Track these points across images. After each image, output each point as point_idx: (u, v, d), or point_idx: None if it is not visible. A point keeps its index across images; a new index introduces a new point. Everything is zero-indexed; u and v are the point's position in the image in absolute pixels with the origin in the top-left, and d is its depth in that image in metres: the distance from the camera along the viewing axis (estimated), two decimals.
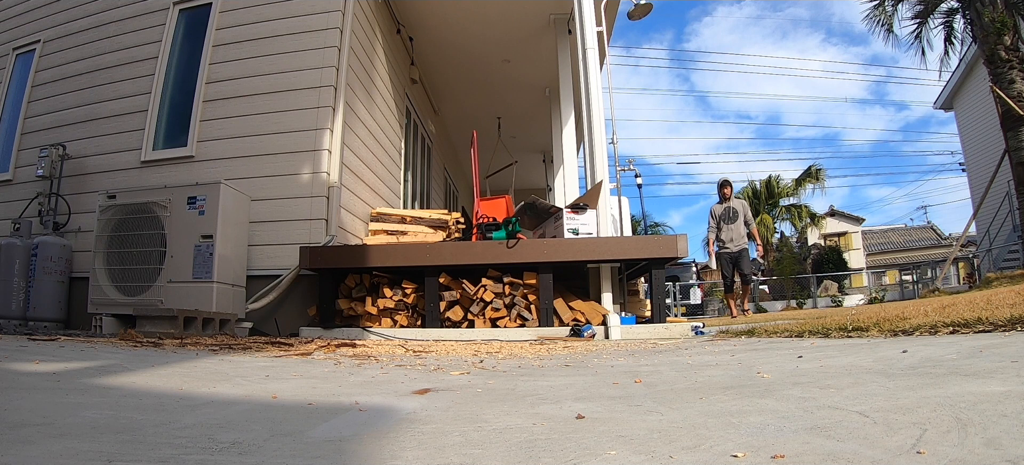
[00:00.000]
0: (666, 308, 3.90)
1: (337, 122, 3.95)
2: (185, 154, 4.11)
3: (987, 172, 10.90)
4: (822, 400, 0.98)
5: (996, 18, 8.55)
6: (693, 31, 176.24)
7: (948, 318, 2.12)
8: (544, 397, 1.17)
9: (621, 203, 4.52)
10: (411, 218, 4.37)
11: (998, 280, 7.27)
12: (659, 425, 0.87)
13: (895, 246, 30.44)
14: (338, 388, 1.31)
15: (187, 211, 3.43)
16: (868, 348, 1.73)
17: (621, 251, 3.46)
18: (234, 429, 0.87)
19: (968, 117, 14.51)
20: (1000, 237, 12.61)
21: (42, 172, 4.21)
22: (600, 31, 4.25)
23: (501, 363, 1.89)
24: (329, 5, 4.14)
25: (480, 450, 0.76)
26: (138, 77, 4.40)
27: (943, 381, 1.05)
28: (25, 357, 1.66)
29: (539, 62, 6.28)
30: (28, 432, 0.80)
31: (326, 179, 3.85)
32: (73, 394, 1.12)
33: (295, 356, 2.01)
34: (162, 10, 4.50)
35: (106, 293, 3.48)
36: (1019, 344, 1.47)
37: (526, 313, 3.49)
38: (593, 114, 3.98)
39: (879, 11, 10.55)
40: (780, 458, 0.66)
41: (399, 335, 3.33)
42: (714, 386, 1.23)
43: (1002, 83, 8.65)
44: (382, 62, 5.16)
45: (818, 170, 23.99)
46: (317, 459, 0.71)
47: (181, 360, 1.76)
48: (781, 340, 2.48)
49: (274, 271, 3.76)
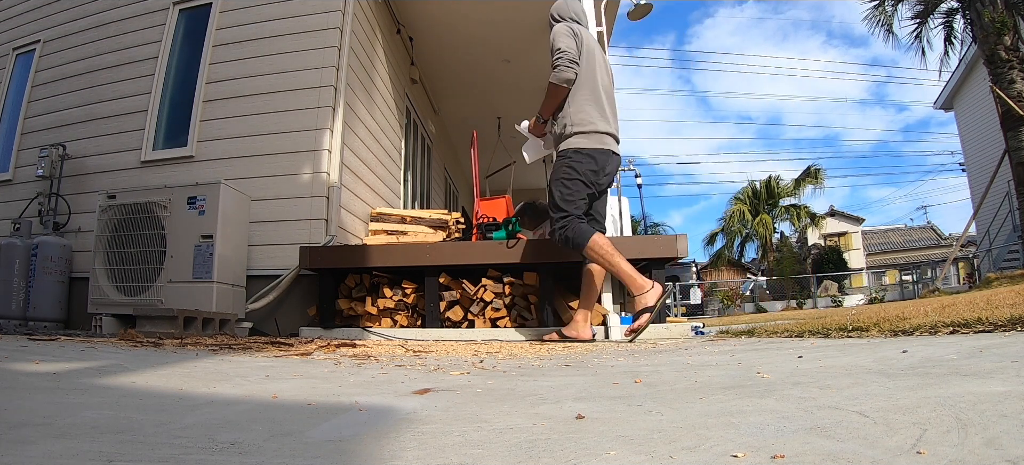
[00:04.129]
0: (666, 308, 3.90)
1: (337, 122, 3.95)
2: (185, 154, 4.11)
3: (987, 172, 10.91)
4: (822, 400, 0.98)
5: (996, 18, 8.55)
6: (695, 33, 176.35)
7: (948, 318, 2.12)
8: (544, 397, 1.17)
9: (621, 203, 4.52)
10: (411, 218, 4.37)
11: (998, 280, 7.28)
12: (659, 425, 0.87)
13: (895, 246, 30.45)
14: (338, 388, 1.31)
15: (187, 211, 3.43)
16: (868, 348, 1.73)
17: (621, 251, 3.45)
18: (234, 429, 0.87)
19: (968, 117, 14.52)
20: (1000, 237, 12.62)
21: (42, 172, 4.21)
22: (600, 31, 4.25)
23: (501, 363, 1.89)
24: (329, 5, 4.14)
25: (480, 450, 0.76)
26: (138, 77, 4.41)
27: (943, 381, 1.05)
28: (25, 357, 1.66)
29: (539, 62, 6.27)
30: (28, 432, 0.80)
31: (326, 179, 3.85)
32: (73, 394, 1.12)
33: (295, 356, 2.01)
34: (162, 10, 4.50)
35: (106, 293, 3.48)
36: (1019, 344, 1.47)
37: (526, 313, 3.49)
38: None
39: (879, 11, 10.56)
40: (780, 458, 0.66)
41: (399, 335, 3.33)
42: (714, 386, 1.23)
43: (1002, 83, 8.65)
44: (382, 62, 5.16)
45: (817, 170, 24.04)
46: (317, 459, 0.71)
47: (181, 360, 1.76)
48: (781, 340, 2.48)
49: (274, 271, 3.76)
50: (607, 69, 3.13)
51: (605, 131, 2.92)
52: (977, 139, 13.86)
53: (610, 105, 3.02)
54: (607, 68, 3.13)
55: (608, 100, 3.01)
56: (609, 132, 2.94)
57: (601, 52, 3.10)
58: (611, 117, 2.99)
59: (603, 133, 2.91)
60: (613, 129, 2.98)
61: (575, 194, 2.83)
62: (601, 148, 2.89)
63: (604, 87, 3.00)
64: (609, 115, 2.97)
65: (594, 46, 3.02)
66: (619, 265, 2.76)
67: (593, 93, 2.93)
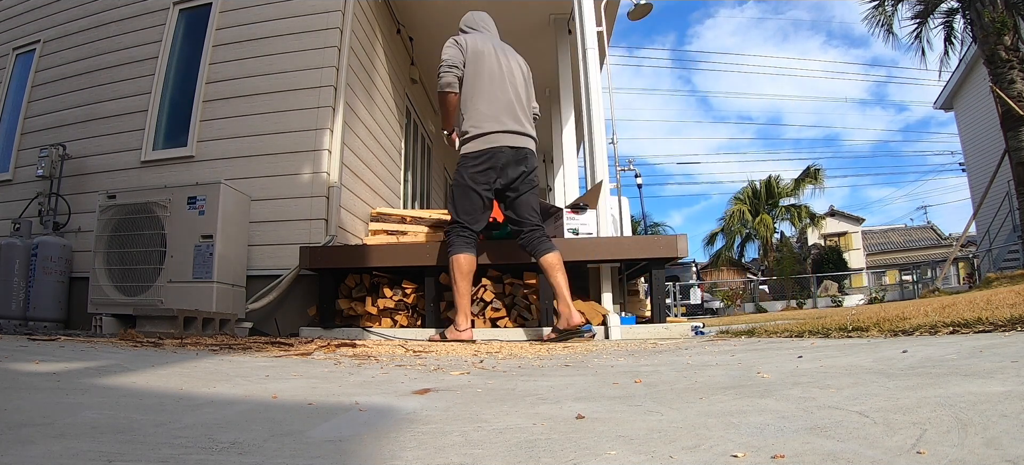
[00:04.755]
0: (666, 308, 3.90)
1: (337, 122, 3.95)
2: (185, 154, 4.11)
3: (987, 172, 10.91)
4: (822, 400, 0.98)
5: (996, 18, 8.55)
6: (696, 33, 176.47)
7: (948, 318, 2.12)
8: (544, 397, 1.17)
9: (621, 203, 4.52)
10: (411, 218, 4.37)
11: (998, 280, 7.28)
12: (659, 425, 0.87)
13: (895, 246, 30.45)
14: (338, 388, 1.31)
15: (187, 211, 3.43)
16: (868, 348, 1.73)
17: (621, 251, 3.46)
18: (234, 429, 0.87)
19: (968, 117, 14.51)
20: (1000, 237, 12.62)
21: (42, 172, 4.21)
22: (600, 31, 4.25)
23: (501, 363, 1.89)
24: (329, 5, 4.14)
25: (480, 450, 0.76)
26: (138, 77, 4.40)
27: (943, 381, 1.05)
28: (25, 357, 1.66)
29: (539, 62, 6.25)
30: (28, 432, 0.80)
31: (326, 179, 3.85)
32: (73, 394, 1.12)
33: (295, 356, 2.01)
34: (162, 10, 4.50)
35: (106, 293, 3.48)
36: (1019, 344, 1.47)
37: (526, 313, 3.49)
38: (593, 114, 3.98)
39: (879, 11, 10.55)
40: (780, 458, 0.66)
41: (399, 335, 3.34)
42: (714, 386, 1.23)
43: (1002, 83, 8.65)
44: (382, 62, 5.16)
45: (817, 170, 24.02)
46: (317, 459, 0.71)
47: (181, 360, 1.76)
48: (781, 340, 2.48)
49: (274, 271, 3.76)
50: (510, 66, 3.05)
51: (494, 130, 2.89)
52: (977, 139, 13.85)
53: (516, 100, 2.97)
54: (510, 65, 3.05)
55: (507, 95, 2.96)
56: (501, 129, 2.90)
57: (503, 52, 3.06)
58: (506, 112, 2.93)
59: (492, 132, 2.89)
60: (508, 124, 2.92)
61: (467, 203, 2.88)
62: (492, 147, 2.88)
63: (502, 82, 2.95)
64: (502, 111, 2.92)
65: (486, 48, 2.99)
66: (458, 290, 2.88)
67: (485, 94, 2.92)
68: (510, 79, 3.00)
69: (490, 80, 2.92)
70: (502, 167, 2.89)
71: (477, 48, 2.96)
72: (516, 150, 2.92)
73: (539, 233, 2.98)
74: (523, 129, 2.98)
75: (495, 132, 2.90)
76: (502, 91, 2.95)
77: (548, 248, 2.93)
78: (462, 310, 2.90)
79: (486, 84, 2.92)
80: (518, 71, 3.09)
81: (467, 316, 2.92)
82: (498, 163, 2.88)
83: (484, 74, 2.92)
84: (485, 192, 2.89)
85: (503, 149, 2.89)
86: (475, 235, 2.95)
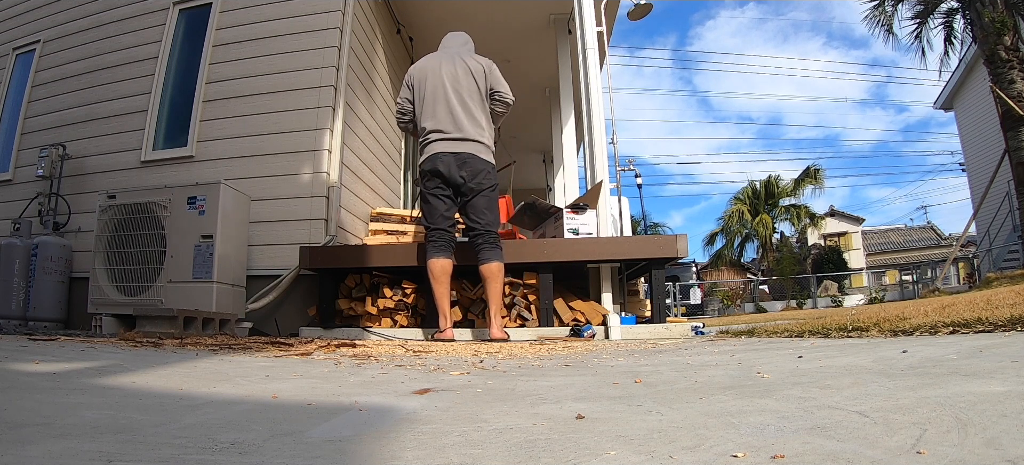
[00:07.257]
0: (666, 308, 3.90)
1: (337, 122, 3.95)
2: (185, 154, 4.11)
3: (987, 172, 10.91)
4: (822, 400, 0.98)
5: (996, 18, 8.55)
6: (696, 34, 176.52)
7: (948, 318, 2.12)
8: (544, 397, 1.17)
9: (621, 203, 4.52)
10: (411, 218, 4.37)
11: (998, 280, 7.28)
12: (659, 425, 0.87)
13: (895, 246, 30.43)
14: (338, 388, 1.31)
15: (187, 211, 3.43)
16: (868, 348, 1.73)
17: (621, 251, 3.46)
18: (234, 429, 0.87)
19: (968, 117, 14.51)
20: (1000, 237, 12.61)
21: (42, 172, 4.21)
22: (600, 31, 4.25)
23: (501, 363, 1.88)
24: (329, 5, 4.14)
25: (480, 450, 0.76)
26: (138, 77, 4.41)
27: (943, 381, 1.05)
28: (25, 357, 1.66)
29: (539, 62, 6.28)
30: (28, 432, 0.80)
31: (326, 179, 3.85)
32: (73, 394, 1.12)
33: (295, 356, 2.01)
34: (162, 10, 4.50)
35: (106, 293, 3.48)
36: (1019, 344, 1.47)
37: (526, 313, 3.49)
38: (593, 114, 3.98)
39: (879, 11, 10.55)
40: (780, 458, 0.66)
41: (399, 335, 3.34)
42: (714, 386, 1.23)
43: (1002, 83, 8.65)
44: (382, 62, 5.16)
45: (817, 170, 24.01)
46: (317, 459, 0.71)
47: (181, 360, 1.76)
48: (781, 340, 2.48)
49: (274, 271, 3.76)
50: (456, 74, 3.14)
51: (434, 140, 3.07)
52: (977, 139, 13.85)
53: (460, 107, 3.09)
54: (456, 72, 3.15)
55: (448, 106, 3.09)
56: (440, 138, 3.06)
57: (453, 61, 3.18)
58: (447, 122, 3.07)
59: (432, 141, 3.08)
60: (449, 132, 3.06)
61: (428, 209, 3.11)
62: (431, 155, 3.06)
63: (443, 95, 3.10)
64: (442, 122, 3.07)
65: (429, 66, 3.18)
66: (435, 293, 3.04)
67: (427, 112, 3.11)
68: (454, 88, 3.13)
69: (432, 98, 3.12)
70: (446, 173, 3.05)
71: (423, 73, 3.19)
72: (456, 155, 3.06)
73: (486, 238, 3.06)
74: (463, 134, 3.08)
75: (434, 141, 3.08)
76: (442, 104, 3.11)
77: (490, 256, 3.04)
78: (441, 311, 3.04)
79: (429, 103, 3.12)
80: (466, 76, 3.17)
81: (446, 317, 3.04)
82: (441, 169, 3.05)
83: (427, 95, 3.14)
84: (441, 195, 3.08)
85: (443, 155, 3.06)
86: (447, 237, 3.08)
